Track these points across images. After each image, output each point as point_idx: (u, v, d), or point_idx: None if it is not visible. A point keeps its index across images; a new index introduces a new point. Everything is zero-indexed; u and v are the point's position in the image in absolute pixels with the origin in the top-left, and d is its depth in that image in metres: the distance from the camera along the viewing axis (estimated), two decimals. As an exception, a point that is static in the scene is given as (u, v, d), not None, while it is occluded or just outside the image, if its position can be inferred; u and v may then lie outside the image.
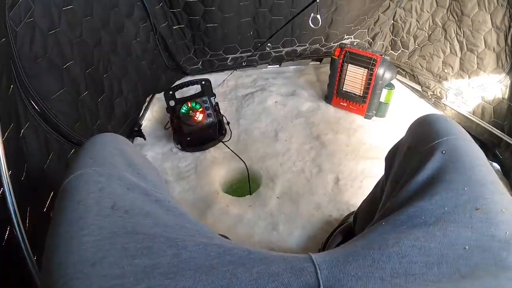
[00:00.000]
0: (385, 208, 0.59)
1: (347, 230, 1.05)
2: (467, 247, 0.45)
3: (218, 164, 1.53)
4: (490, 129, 1.49)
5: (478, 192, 0.51)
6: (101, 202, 0.50)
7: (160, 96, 1.85)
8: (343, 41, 2.07)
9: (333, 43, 2.08)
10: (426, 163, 0.57)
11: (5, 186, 0.70)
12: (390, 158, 0.74)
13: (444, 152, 0.57)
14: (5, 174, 0.70)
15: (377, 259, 0.45)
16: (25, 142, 0.90)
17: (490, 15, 1.42)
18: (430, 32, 1.74)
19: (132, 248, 0.45)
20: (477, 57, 1.52)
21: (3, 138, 0.73)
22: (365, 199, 0.96)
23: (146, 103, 1.83)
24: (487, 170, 0.55)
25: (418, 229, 0.49)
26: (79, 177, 0.53)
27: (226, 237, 1.18)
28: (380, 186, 0.82)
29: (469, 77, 1.58)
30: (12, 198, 0.71)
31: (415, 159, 0.60)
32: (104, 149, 0.60)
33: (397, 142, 0.76)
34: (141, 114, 1.75)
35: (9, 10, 0.86)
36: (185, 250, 0.46)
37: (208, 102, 1.55)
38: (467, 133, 0.63)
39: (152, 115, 1.81)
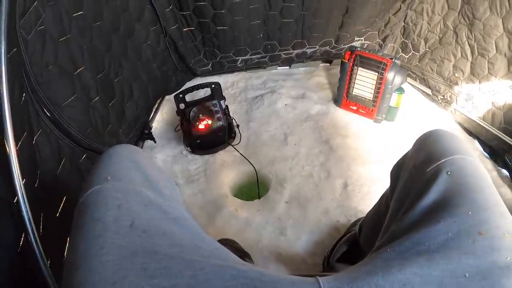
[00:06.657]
0: (390, 231, 0.59)
1: (352, 239, 1.06)
2: (467, 275, 0.46)
3: (227, 168, 1.54)
4: (500, 135, 1.47)
5: (482, 216, 0.51)
6: (120, 220, 0.51)
7: (170, 97, 1.86)
8: (354, 43, 2.06)
9: (343, 45, 2.07)
10: (431, 186, 0.57)
11: (19, 195, 0.71)
12: (395, 173, 0.75)
13: (449, 173, 0.57)
14: (20, 183, 0.72)
15: (381, 286, 0.46)
16: (38, 149, 0.91)
17: (502, 20, 1.40)
18: (441, 35, 1.72)
19: (152, 268, 0.46)
20: (488, 62, 1.50)
21: (17, 147, 0.74)
22: (370, 210, 0.96)
23: (156, 105, 1.85)
24: (492, 191, 0.55)
25: (421, 256, 0.49)
26: (98, 193, 0.54)
27: (234, 242, 1.19)
28: (385, 199, 0.82)
29: (479, 82, 1.56)
30: (26, 207, 0.72)
31: (420, 180, 0.61)
32: (121, 162, 0.60)
33: (403, 157, 0.76)
34: (151, 116, 1.76)
35: (19, 19, 0.85)
36: (201, 272, 0.47)
37: (218, 106, 1.56)
38: (471, 150, 0.63)
39: (162, 117, 1.82)
